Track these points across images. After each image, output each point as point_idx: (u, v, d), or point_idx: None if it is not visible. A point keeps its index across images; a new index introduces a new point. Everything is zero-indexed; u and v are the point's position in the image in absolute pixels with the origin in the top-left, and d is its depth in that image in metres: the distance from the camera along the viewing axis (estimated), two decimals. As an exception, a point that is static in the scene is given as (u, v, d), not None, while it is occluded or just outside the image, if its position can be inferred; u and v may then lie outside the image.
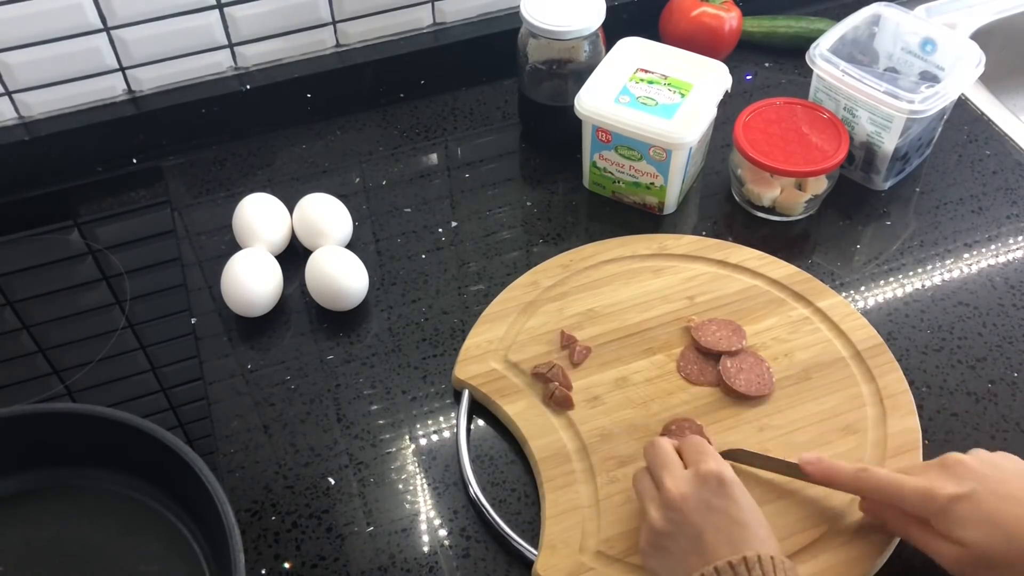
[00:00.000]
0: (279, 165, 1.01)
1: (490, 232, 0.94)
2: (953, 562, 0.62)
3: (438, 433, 0.79)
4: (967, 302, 0.87)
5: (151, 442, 0.69)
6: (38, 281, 0.90)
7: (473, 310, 0.86)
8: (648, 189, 0.93)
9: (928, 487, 0.63)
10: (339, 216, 0.90)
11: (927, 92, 0.88)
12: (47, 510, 0.73)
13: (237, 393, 0.82)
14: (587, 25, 0.91)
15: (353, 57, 1.06)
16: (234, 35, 1.01)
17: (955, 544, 0.62)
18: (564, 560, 0.69)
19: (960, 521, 0.61)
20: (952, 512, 0.62)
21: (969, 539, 0.61)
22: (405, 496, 0.75)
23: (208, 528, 0.69)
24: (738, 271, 0.87)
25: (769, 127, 0.92)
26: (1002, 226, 0.93)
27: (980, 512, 0.61)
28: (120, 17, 0.94)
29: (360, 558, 0.72)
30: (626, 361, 0.81)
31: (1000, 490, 0.62)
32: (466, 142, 1.03)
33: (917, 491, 0.63)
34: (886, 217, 0.95)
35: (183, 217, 0.96)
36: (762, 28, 1.11)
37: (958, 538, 0.62)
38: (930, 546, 0.64)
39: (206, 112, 1.02)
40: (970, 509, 0.61)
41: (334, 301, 0.85)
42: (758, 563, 0.58)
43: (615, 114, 0.89)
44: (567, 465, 0.74)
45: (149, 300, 0.88)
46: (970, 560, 0.61)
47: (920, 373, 0.82)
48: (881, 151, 0.93)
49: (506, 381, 0.79)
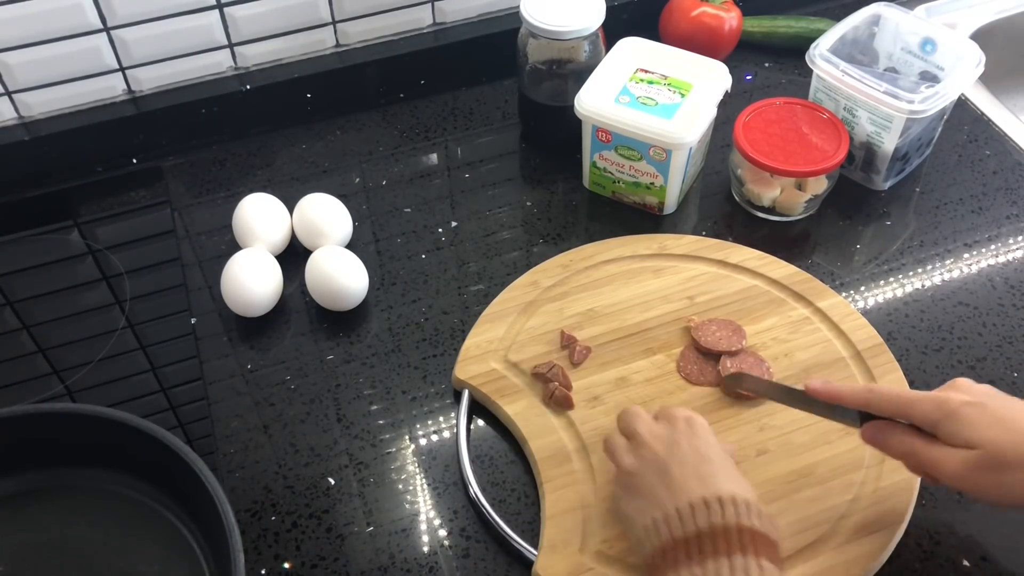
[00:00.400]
0: (279, 165, 1.01)
1: (490, 232, 0.94)
2: (960, 467, 0.62)
3: (438, 433, 0.79)
4: (967, 302, 0.87)
5: (151, 442, 0.69)
6: (38, 281, 0.90)
7: (473, 310, 0.86)
8: (648, 189, 0.93)
9: (939, 395, 0.64)
10: (339, 216, 0.90)
11: (927, 92, 0.88)
12: (47, 510, 0.73)
13: (237, 393, 0.82)
14: (587, 25, 0.91)
15: (353, 57, 1.06)
16: (234, 35, 1.01)
17: (963, 448, 0.62)
18: (564, 560, 0.69)
19: (971, 423, 0.62)
20: (963, 415, 0.62)
21: (981, 439, 0.61)
22: (405, 496, 0.75)
23: (208, 528, 0.69)
24: (738, 271, 0.87)
25: (769, 127, 0.92)
26: (1002, 226, 0.94)
27: (991, 415, 0.62)
28: (120, 17, 0.94)
29: (360, 558, 0.72)
30: (626, 361, 0.81)
31: (1008, 402, 0.63)
32: (466, 142, 1.03)
33: (928, 398, 0.64)
34: (886, 217, 0.95)
35: (183, 217, 0.96)
36: (762, 28, 1.11)
37: (967, 439, 0.62)
38: (936, 456, 0.63)
39: (206, 112, 1.02)
40: (981, 412, 0.62)
41: (334, 301, 0.85)
42: (732, 502, 0.59)
43: (615, 114, 0.89)
44: (567, 465, 0.74)
45: (149, 300, 0.88)
46: (979, 462, 0.61)
47: (920, 373, 0.82)
48: (881, 151, 0.93)
49: (506, 381, 0.79)
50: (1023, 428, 0.61)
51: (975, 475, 0.62)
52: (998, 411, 0.62)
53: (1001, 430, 0.61)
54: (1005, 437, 0.61)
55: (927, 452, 0.64)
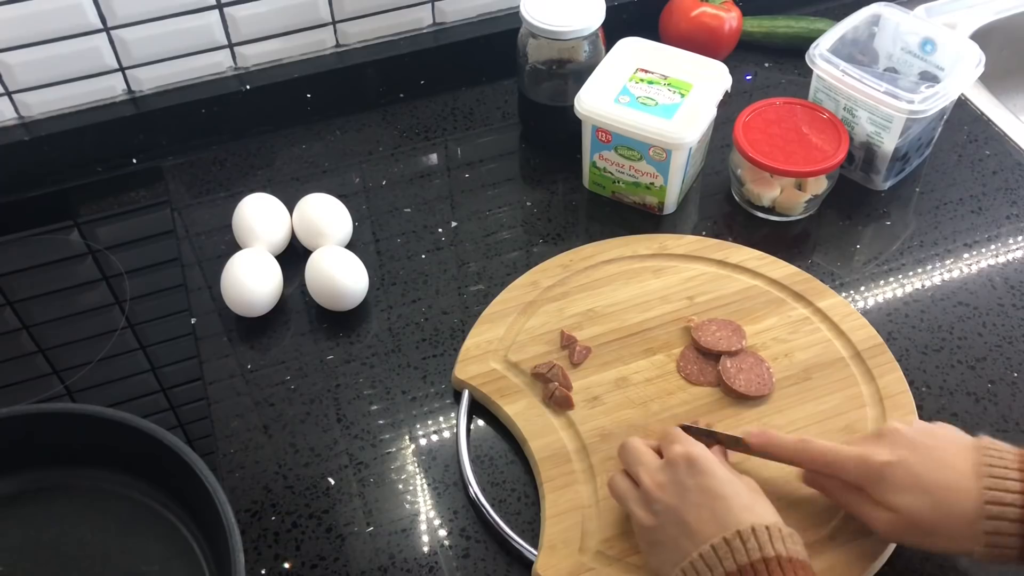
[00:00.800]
0: (279, 165, 1.01)
1: (490, 232, 0.94)
2: (886, 527, 0.63)
3: (438, 433, 0.79)
4: (967, 302, 0.87)
5: (151, 442, 0.69)
6: (38, 281, 0.90)
7: (473, 310, 0.86)
8: (648, 189, 0.93)
9: (863, 454, 0.64)
10: (339, 216, 0.90)
11: (927, 92, 0.88)
12: (47, 510, 0.73)
13: (237, 393, 0.82)
14: (587, 25, 0.91)
15: (353, 57, 1.06)
16: (234, 35, 1.01)
17: (888, 510, 0.63)
18: (564, 560, 0.69)
19: (892, 486, 0.63)
20: (885, 478, 0.63)
21: (900, 504, 0.62)
22: (405, 496, 0.75)
23: (208, 528, 0.69)
24: (738, 271, 0.87)
25: (769, 127, 0.92)
26: (1002, 226, 0.94)
27: (911, 478, 0.62)
28: (120, 17, 0.94)
29: (360, 558, 0.72)
30: (626, 361, 0.81)
31: (931, 456, 0.63)
32: (466, 142, 1.03)
33: (852, 458, 0.65)
34: (886, 217, 0.95)
35: (183, 217, 0.96)
36: (762, 28, 1.11)
37: (890, 503, 0.63)
38: (865, 513, 0.65)
39: (206, 112, 1.02)
40: (901, 475, 0.63)
41: (334, 301, 0.85)
42: (752, 535, 0.58)
43: (615, 114, 0.89)
44: (567, 465, 0.74)
45: (149, 300, 0.88)
46: (902, 525, 0.62)
47: (920, 373, 0.82)
48: (881, 151, 0.93)
49: (506, 381, 0.79)
50: (941, 487, 0.62)
51: (900, 535, 0.64)
52: (917, 470, 0.63)
53: (917, 494, 0.62)
54: (921, 502, 0.62)
55: (858, 507, 0.65)
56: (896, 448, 0.64)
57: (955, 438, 0.65)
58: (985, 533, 0.60)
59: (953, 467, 0.62)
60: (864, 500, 0.65)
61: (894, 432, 0.66)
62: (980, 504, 0.60)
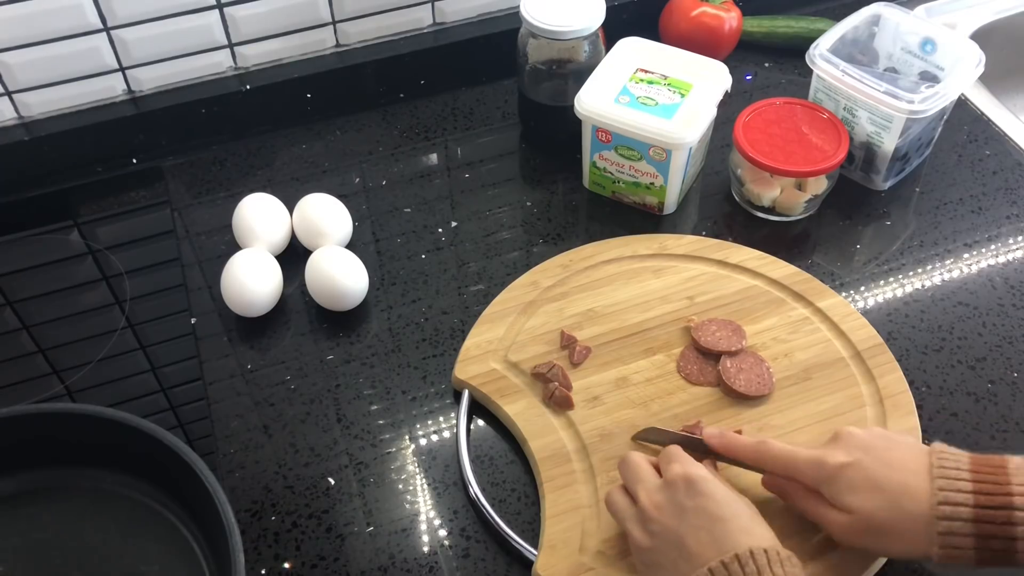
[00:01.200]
0: (279, 165, 1.01)
1: (490, 232, 0.94)
2: (842, 529, 0.64)
3: (438, 433, 0.79)
4: (967, 302, 0.87)
5: (151, 442, 0.69)
6: (38, 281, 0.90)
7: (473, 310, 0.86)
8: (648, 189, 0.93)
9: (819, 456, 0.65)
10: (339, 216, 0.90)
11: (927, 92, 0.88)
12: (47, 510, 0.73)
13: (237, 393, 0.82)
14: (587, 25, 0.91)
15: (353, 57, 1.06)
16: (234, 35, 1.01)
17: (843, 511, 0.63)
18: (564, 560, 0.69)
19: (847, 487, 0.63)
20: (840, 479, 0.63)
21: (855, 505, 0.63)
22: (405, 496, 0.75)
23: (208, 528, 0.69)
24: (738, 271, 0.87)
25: (769, 127, 0.92)
26: (1002, 226, 0.94)
27: (865, 478, 0.63)
28: (120, 17, 0.94)
29: (360, 558, 0.72)
30: (626, 361, 0.81)
31: (885, 457, 0.64)
32: (466, 142, 1.03)
33: (808, 461, 0.65)
34: (886, 217, 0.95)
35: (183, 217, 0.96)
36: (762, 28, 1.11)
37: (845, 504, 0.63)
38: (822, 516, 0.65)
39: (206, 112, 1.02)
40: (856, 476, 0.63)
41: (334, 301, 0.85)
42: (751, 558, 0.58)
43: (615, 114, 0.89)
44: (567, 465, 0.74)
45: (149, 300, 0.88)
46: (857, 526, 0.63)
47: (920, 373, 0.82)
48: (881, 151, 0.93)
49: (506, 381, 0.79)
50: (894, 488, 0.62)
51: (855, 537, 0.64)
52: (872, 471, 0.63)
53: (871, 494, 0.62)
54: (876, 501, 0.62)
55: (815, 510, 0.66)
56: (851, 450, 0.64)
57: (909, 442, 0.66)
58: (939, 534, 0.60)
59: (907, 468, 0.63)
60: (820, 503, 0.65)
61: (849, 435, 0.66)
62: (933, 505, 0.60)
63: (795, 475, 0.66)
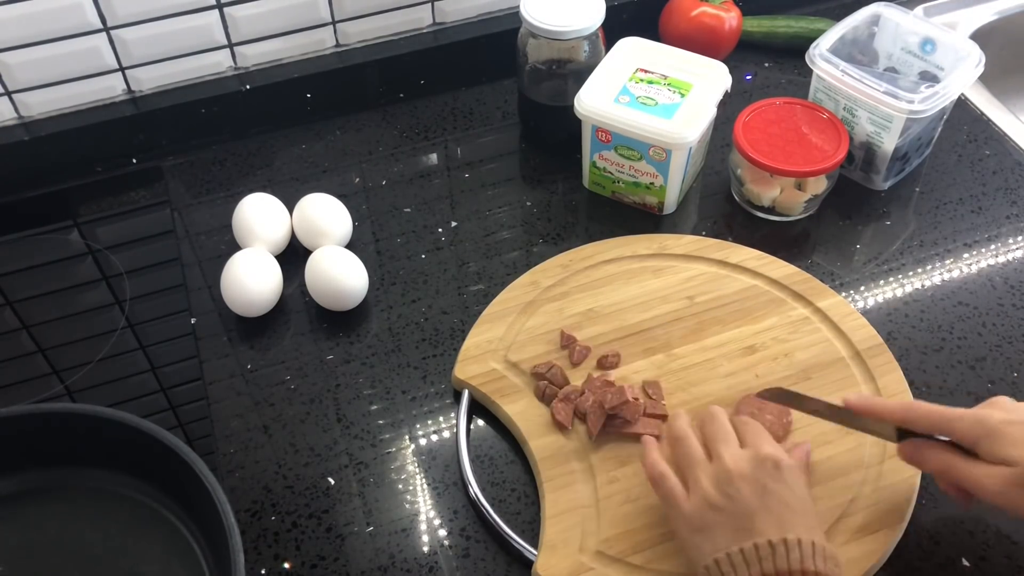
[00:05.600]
0: (279, 165, 1.01)
1: (490, 232, 0.94)
2: (1000, 484, 0.63)
3: (438, 433, 0.79)
4: (967, 302, 0.87)
5: (151, 442, 0.69)
6: (38, 281, 0.90)
7: (473, 310, 0.86)
8: (648, 189, 0.93)
9: (979, 413, 0.65)
10: (339, 216, 0.90)
11: (927, 92, 0.88)
12: (47, 510, 0.73)
13: (237, 393, 0.82)
14: (587, 25, 0.91)
15: (353, 57, 1.06)
16: (234, 35, 1.01)
17: (1004, 464, 0.62)
18: (564, 560, 0.69)
19: (1012, 440, 0.62)
20: (1004, 433, 0.63)
21: (1021, 456, 0.62)
22: (405, 496, 0.75)
23: (208, 528, 0.69)
24: (738, 271, 0.87)
25: (769, 127, 0.92)
26: (1002, 226, 0.94)
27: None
28: (120, 17, 0.94)
29: (360, 558, 0.72)
30: (626, 361, 0.81)
31: None
32: (466, 142, 1.03)
33: (967, 416, 0.65)
34: (886, 217, 0.95)
35: (183, 217, 0.96)
36: (762, 28, 1.11)
37: (1007, 457, 0.62)
38: (975, 473, 0.64)
39: (206, 112, 1.02)
40: (1020, 430, 0.63)
41: (334, 301, 0.85)
42: (798, 545, 0.59)
43: (615, 114, 0.89)
44: (567, 465, 0.74)
45: (149, 300, 0.88)
46: (1019, 479, 0.62)
47: (920, 373, 0.82)
48: (881, 151, 0.93)
49: (506, 381, 0.79)
50: None
51: (1015, 492, 0.62)
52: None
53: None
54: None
55: (966, 470, 0.64)
56: (1010, 411, 0.65)
57: None
58: None
59: None
60: (972, 462, 0.64)
61: (1007, 400, 0.66)
62: None
63: (950, 431, 0.65)
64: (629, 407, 0.74)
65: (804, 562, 0.59)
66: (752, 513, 0.62)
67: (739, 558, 0.60)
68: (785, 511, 0.62)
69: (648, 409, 0.76)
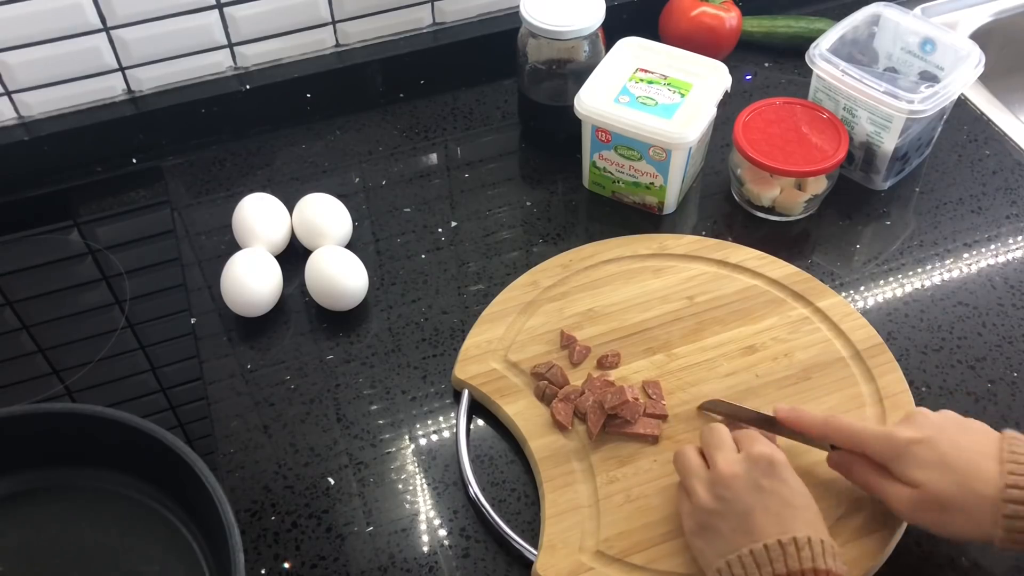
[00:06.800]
0: (279, 165, 1.01)
1: (490, 232, 0.94)
2: (907, 503, 0.64)
3: (438, 433, 0.79)
4: (967, 302, 0.87)
5: (151, 442, 0.69)
6: (38, 281, 0.90)
7: (473, 310, 0.86)
8: (648, 189, 0.93)
9: (889, 431, 0.66)
10: (339, 216, 0.90)
11: (927, 92, 0.88)
12: (47, 510, 0.73)
13: (237, 393, 0.82)
14: (587, 25, 0.91)
15: (353, 57, 1.06)
16: (234, 35, 1.01)
17: (909, 485, 0.64)
18: (564, 560, 0.69)
19: (916, 462, 0.64)
20: (909, 454, 0.64)
21: (923, 479, 0.63)
22: (405, 496, 0.75)
23: (208, 528, 0.69)
24: (738, 271, 0.87)
25: (769, 127, 0.92)
26: (1002, 226, 0.94)
27: (935, 456, 0.64)
28: (120, 17, 0.94)
29: (360, 558, 0.72)
30: (626, 361, 0.81)
31: (956, 439, 0.65)
32: (466, 142, 1.03)
33: (879, 435, 0.66)
34: (886, 217, 0.95)
35: (183, 217, 0.96)
36: (762, 28, 1.11)
37: (912, 479, 0.64)
38: (886, 490, 0.66)
39: (206, 112, 1.02)
40: (926, 451, 0.64)
41: (334, 301, 0.85)
42: (807, 544, 0.59)
43: (615, 114, 0.89)
44: (567, 465, 0.74)
45: (149, 300, 0.88)
46: (923, 501, 0.63)
47: (920, 373, 0.82)
48: (881, 151, 0.93)
49: (506, 381, 0.79)
50: (964, 467, 0.63)
51: (918, 513, 0.64)
52: (944, 449, 0.64)
53: (942, 471, 0.63)
54: (945, 478, 0.63)
55: (879, 486, 0.66)
56: (923, 428, 0.65)
57: (981, 427, 0.66)
58: (1004, 516, 0.61)
59: (977, 450, 0.63)
60: (886, 478, 0.66)
61: (920, 414, 0.67)
62: (1001, 488, 0.61)
63: (863, 448, 0.67)
64: (629, 407, 0.75)
65: (815, 561, 0.59)
66: (749, 512, 0.62)
67: (749, 559, 0.60)
68: (784, 508, 0.62)
69: (648, 409, 0.76)
